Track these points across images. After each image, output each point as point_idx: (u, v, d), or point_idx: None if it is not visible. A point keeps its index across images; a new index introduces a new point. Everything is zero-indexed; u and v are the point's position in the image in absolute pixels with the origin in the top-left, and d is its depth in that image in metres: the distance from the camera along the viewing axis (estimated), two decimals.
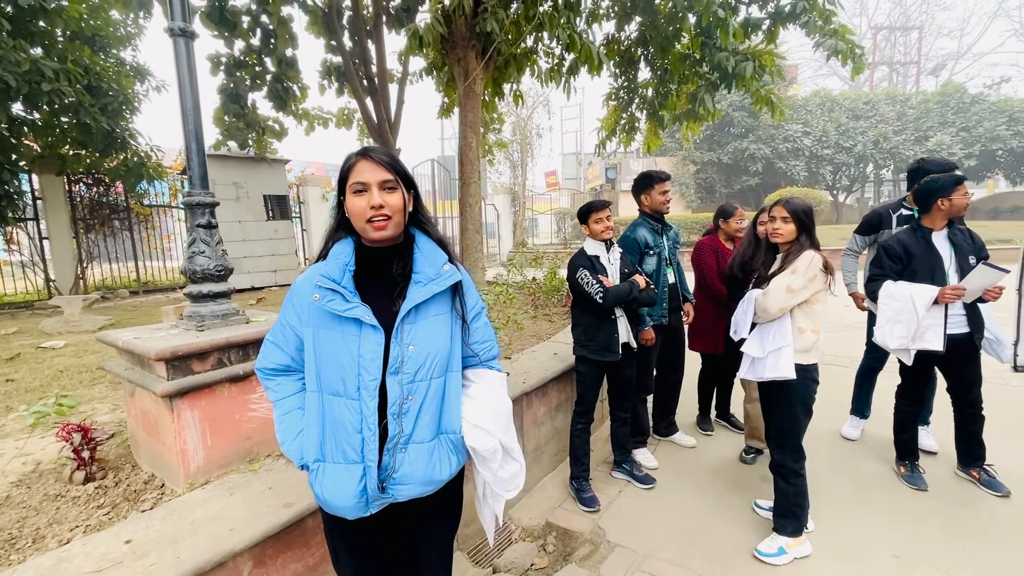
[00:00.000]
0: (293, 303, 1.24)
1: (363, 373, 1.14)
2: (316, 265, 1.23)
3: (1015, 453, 3.13)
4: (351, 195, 1.17)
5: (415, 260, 1.24)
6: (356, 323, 1.15)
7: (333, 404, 1.17)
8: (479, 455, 1.26)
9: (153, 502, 1.83)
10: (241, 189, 8.59)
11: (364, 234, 1.19)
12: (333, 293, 1.15)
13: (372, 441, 1.15)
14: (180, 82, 2.00)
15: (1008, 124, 18.89)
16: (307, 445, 1.21)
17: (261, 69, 7.36)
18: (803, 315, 2.27)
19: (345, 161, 1.21)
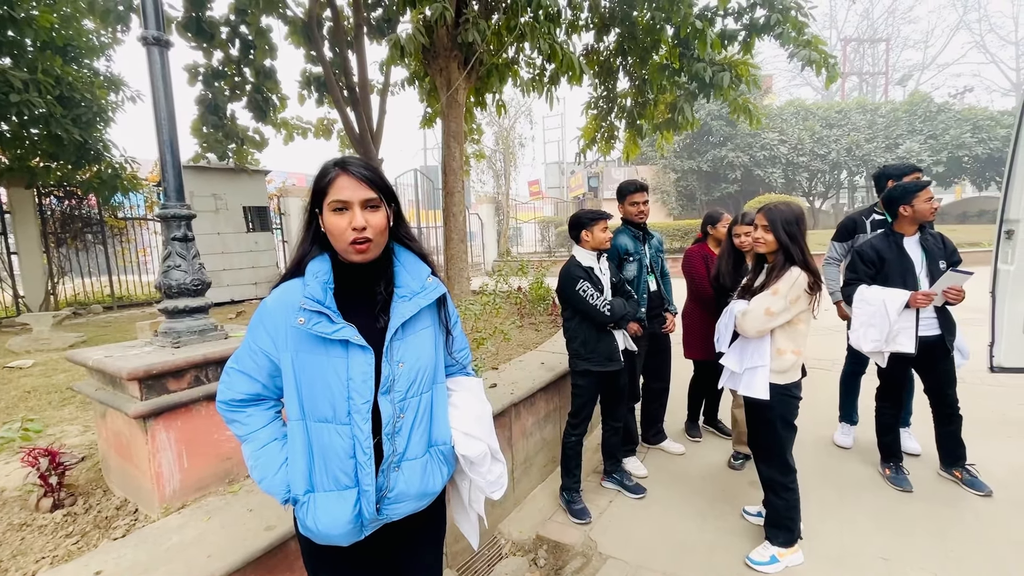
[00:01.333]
0: (265, 326, 1.14)
1: (354, 396, 1.09)
2: (289, 284, 1.14)
3: (994, 451, 3.19)
4: (330, 212, 1.09)
5: (397, 274, 1.19)
6: (342, 345, 1.09)
7: (321, 431, 1.10)
8: (469, 461, 1.24)
9: (126, 529, 1.75)
10: (220, 200, 8.44)
11: (345, 255, 1.12)
12: (318, 315, 1.08)
13: (368, 464, 1.10)
14: (154, 92, 1.94)
15: (973, 132, 19.61)
16: (294, 477, 1.13)
17: (240, 79, 7.28)
18: (784, 336, 2.19)
19: (322, 173, 1.11)
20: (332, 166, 1.11)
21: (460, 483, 1.32)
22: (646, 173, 22.31)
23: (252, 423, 1.18)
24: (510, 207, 19.73)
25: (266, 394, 1.19)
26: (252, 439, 1.18)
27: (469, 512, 1.35)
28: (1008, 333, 3.11)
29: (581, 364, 2.70)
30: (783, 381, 2.20)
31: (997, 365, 3.16)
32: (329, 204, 1.09)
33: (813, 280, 2.12)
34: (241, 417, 1.19)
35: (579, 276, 2.62)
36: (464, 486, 1.32)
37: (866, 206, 3.44)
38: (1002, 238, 3.10)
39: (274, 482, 1.14)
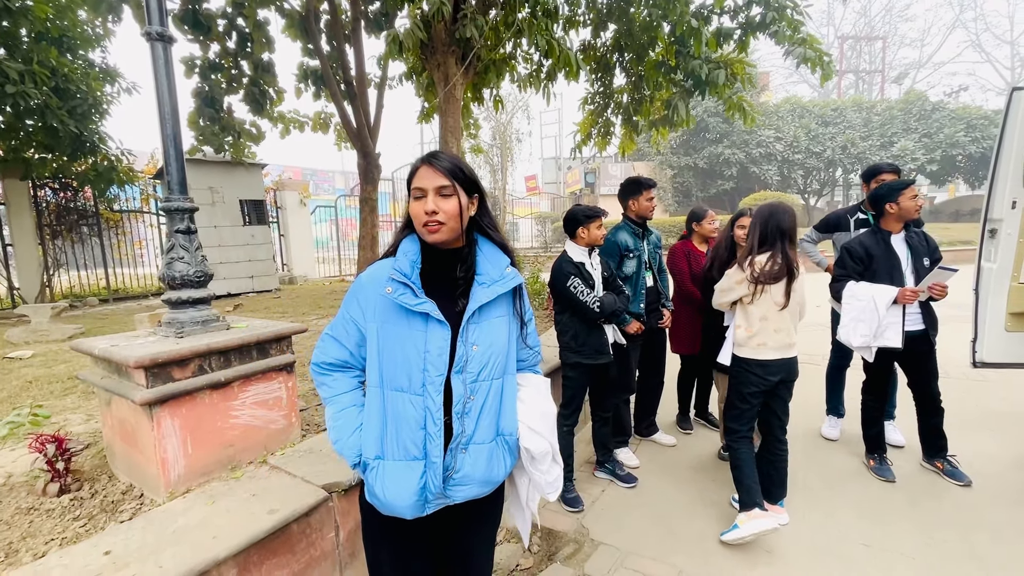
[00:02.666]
0: (358, 297, 1.24)
1: (429, 368, 1.16)
2: (383, 262, 1.25)
3: (974, 443, 3.29)
4: (412, 199, 1.21)
5: (478, 262, 1.26)
6: (423, 318, 1.17)
7: (396, 400, 1.18)
8: (532, 456, 1.29)
9: (132, 512, 1.80)
10: (217, 194, 8.44)
11: (422, 236, 1.22)
12: (404, 287, 1.17)
13: (438, 437, 1.17)
14: (157, 87, 1.98)
15: (966, 131, 19.74)
16: (367, 441, 1.21)
17: (237, 72, 7.27)
18: (740, 313, 2.56)
19: (412, 167, 1.25)
20: (420, 160, 1.24)
21: (519, 479, 1.38)
22: (643, 169, 22.33)
23: (337, 387, 1.27)
24: (507, 202, 19.75)
25: (352, 362, 1.28)
26: (335, 402, 1.27)
27: (525, 510, 1.40)
28: (990, 329, 3.19)
29: (572, 357, 2.76)
30: (740, 354, 2.53)
31: (979, 360, 3.24)
32: (412, 192, 1.21)
33: (759, 272, 2.41)
34: (328, 380, 1.28)
35: (570, 272, 2.67)
36: (523, 483, 1.37)
37: (852, 204, 3.55)
38: (985, 237, 3.17)
39: (348, 444, 1.22)
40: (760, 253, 2.45)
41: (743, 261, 2.49)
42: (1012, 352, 3.15)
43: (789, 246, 2.42)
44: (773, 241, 2.43)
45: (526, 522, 1.41)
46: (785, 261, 2.40)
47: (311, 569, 1.77)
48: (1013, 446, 3.30)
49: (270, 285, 9.20)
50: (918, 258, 2.77)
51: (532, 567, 2.35)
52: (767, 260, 2.41)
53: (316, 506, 1.78)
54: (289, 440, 2.27)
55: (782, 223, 2.42)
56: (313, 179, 27.42)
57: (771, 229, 2.43)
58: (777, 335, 2.45)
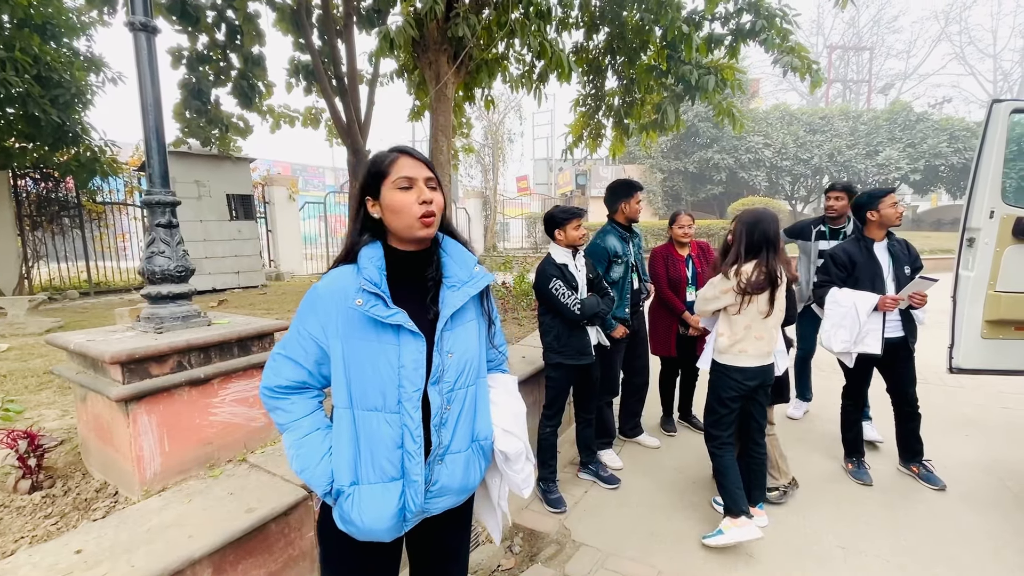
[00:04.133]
0: (316, 311, 1.13)
1: (405, 384, 1.09)
2: (341, 270, 1.15)
3: (948, 448, 3.36)
4: (395, 191, 1.11)
5: (444, 264, 1.20)
6: (395, 331, 1.09)
7: (369, 420, 1.10)
8: (506, 458, 1.26)
9: (105, 511, 1.77)
10: (203, 187, 8.33)
11: (410, 232, 1.13)
12: (375, 298, 1.08)
13: (418, 454, 1.10)
14: (140, 78, 1.95)
15: (949, 142, 20.14)
16: (339, 467, 1.11)
17: (226, 65, 7.18)
18: (722, 320, 2.53)
19: (379, 158, 1.16)
20: (390, 151, 1.16)
21: (490, 479, 1.34)
22: (633, 172, 22.47)
23: (295, 411, 1.16)
24: (498, 202, 19.74)
25: (311, 382, 1.17)
26: (294, 427, 1.15)
27: (496, 509, 1.37)
28: (966, 336, 3.26)
29: (554, 357, 2.77)
30: (721, 360, 2.52)
31: (956, 366, 3.30)
32: (394, 183, 1.12)
33: (746, 283, 2.35)
34: (285, 404, 1.16)
35: (552, 274, 2.67)
36: (495, 483, 1.34)
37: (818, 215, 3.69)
38: (964, 245, 3.24)
39: (316, 473, 1.11)
40: (747, 262, 2.40)
41: (728, 269, 2.43)
42: (987, 359, 3.22)
43: (774, 254, 2.38)
44: (759, 250, 2.39)
45: (497, 521, 1.40)
46: (769, 270, 2.36)
47: (289, 568, 1.76)
48: (985, 451, 3.37)
49: (256, 281, 9.09)
50: (899, 266, 2.83)
51: (514, 567, 2.35)
52: (753, 269, 2.36)
53: (295, 505, 1.76)
54: (269, 438, 2.24)
55: (768, 231, 2.38)
56: (303, 175, 27.14)
57: (757, 237, 2.39)
58: (759, 343, 2.44)
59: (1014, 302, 3.18)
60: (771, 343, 2.47)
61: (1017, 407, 4.11)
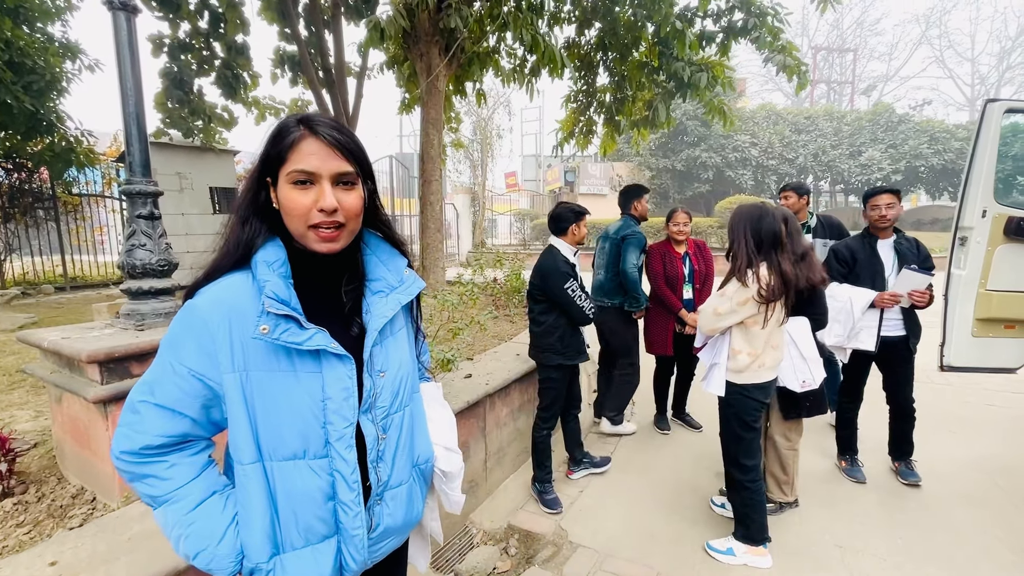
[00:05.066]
0: (198, 338, 0.84)
1: (333, 420, 0.87)
2: (230, 281, 0.87)
3: (937, 445, 3.40)
4: (288, 185, 0.84)
5: (368, 265, 0.99)
6: (313, 356, 0.87)
7: (289, 472, 0.86)
8: (446, 477, 1.10)
9: (83, 518, 1.68)
10: (185, 180, 8.10)
11: (303, 241, 0.87)
12: (286, 320, 0.83)
13: (356, 504, 0.89)
14: (119, 61, 1.84)
15: (929, 143, 20.57)
16: (251, 541, 0.85)
17: (209, 54, 6.97)
18: (739, 336, 2.21)
19: (279, 132, 0.86)
20: (295, 123, 0.85)
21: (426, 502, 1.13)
22: (622, 170, 22.55)
23: (177, 476, 0.86)
24: (486, 198, 19.64)
25: (195, 433, 0.88)
26: (178, 498, 0.85)
27: (427, 531, 1.17)
28: (957, 335, 3.29)
29: (555, 359, 2.72)
30: (739, 380, 2.22)
31: (947, 364, 3.33)
32: (288, 175, 0.84)
33: (767, 288, 2.08)
34: (159, 470, 0.85)
35: (567, 274, 2.64)
36: (430, 503, 1.14)
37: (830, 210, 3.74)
38: (956, 244, 3.26)
39: (219, 553, 0.85)
40: (760, 265, 2.12)
41: (743, 276, 2.13)
42: (977, 357, 3.25)
43: (783, 255, 2.14)
44: (769, 250, 2.13)
45: (427, 544, 1.19)
46: (782, 271, 2.11)
47: None
48: (974, 448, 3.41)
49: None
50: (906, 264, 2.82)
51: (510, 570, 2.30)
52: (769, 273, 2.09)
53: None
54: None
55: (774, 227, 2.14)
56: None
57: (765, 235, 2.13)
58: (775, 352, 2.23)
59: (1004, 301, 3.22)
60: (781, 351, 2.28)
61: (1003, 404, 4.18)
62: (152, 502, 0.87)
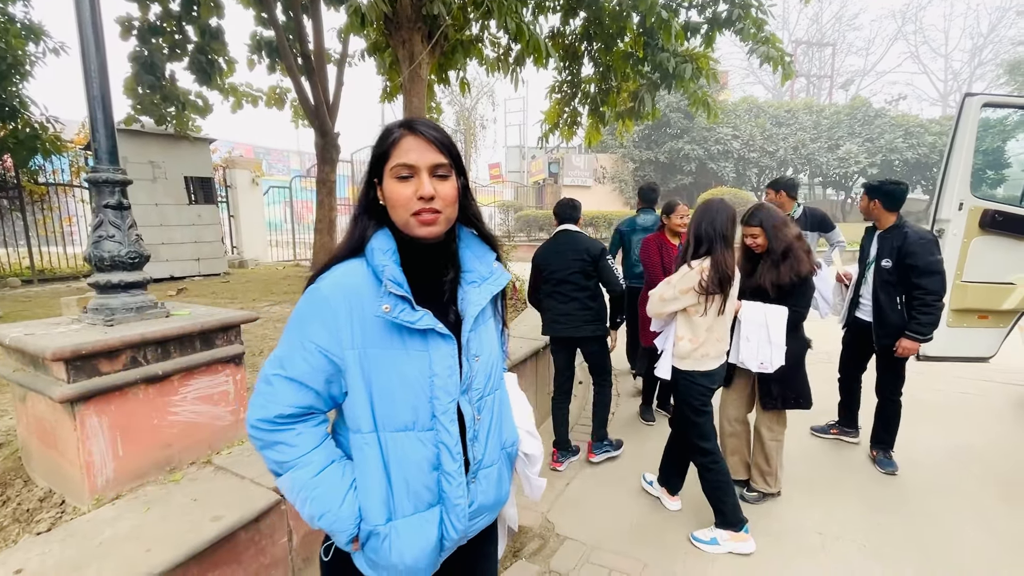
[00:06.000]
0: (322, 317, 0.93)
1: (439, 395, 0.96)
2: (350, 266, 0.97)
3: (913, 433, 3.47)
4: (392, 180, 0.94)
5: (463, 258, 1.06)
6: (422, 335, 0.95)
7: (401, 442, 0.95)
8: (529, 461, 1.18)
9: (51, 523, 1.60)
10: (158, 169, 7.83)
11: (407, 229, 0.96)
12: (402, 301, 0.93)
13: (459, 474, 0.98)
14: (82, 39, 1.74)
15: (904, 137, 21.00)
16: (369, 505, 0.95)
17: (181, 37, 6.73)
18: (682, 324, 2.34)
19: (384, 135, 0.98)
20: (397, 127, 0.97)
21: None
22: (606, 161, 22.58)
23: (302, 444, 0.96)
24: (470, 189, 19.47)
25: (317, 405, 0.97)
26: (304, 464, 0.95)
27: (505, 520, 1.25)
28: None
29: (602, 329, 3.08)
30: (683, 367, 2.34)
31: (923, 354, 3.42)
32: (392, 170, 0.94)
33: (707, 281, 2.19)
34: (288, 437, 0.95)
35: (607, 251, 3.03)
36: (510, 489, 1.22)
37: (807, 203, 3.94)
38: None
39: (341, 515, 0.94)
40: (704, 258, 2.26)
41: (689, 267, 2.28)
42: (954, 347, 3.34)
43: (727, 249, 2.24)
44: (711, 244, 2.24)
45: (505, 533, 1.28)
46: (725, 267, 2.21)
47: None
48: (948, 436, 3.51)
49: (218, 268, 8.67)
50: (881, 256, 2.92)
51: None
52: (711, 267, 2.22)
53: (267, 511, 1.64)
54: (237, 438, 2.09)
55: (716, 223, 2.25)
56: (266, 158, 26.08)
57: (705, 230, 2.26)
58: (719, 344, 2.35)
59: (978, 292, 3.31)
60: (727, 341, 2.40)
61: (974, 392, 4.30)
62: (279, 468, 0.97)
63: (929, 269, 2.72)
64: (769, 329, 2.41)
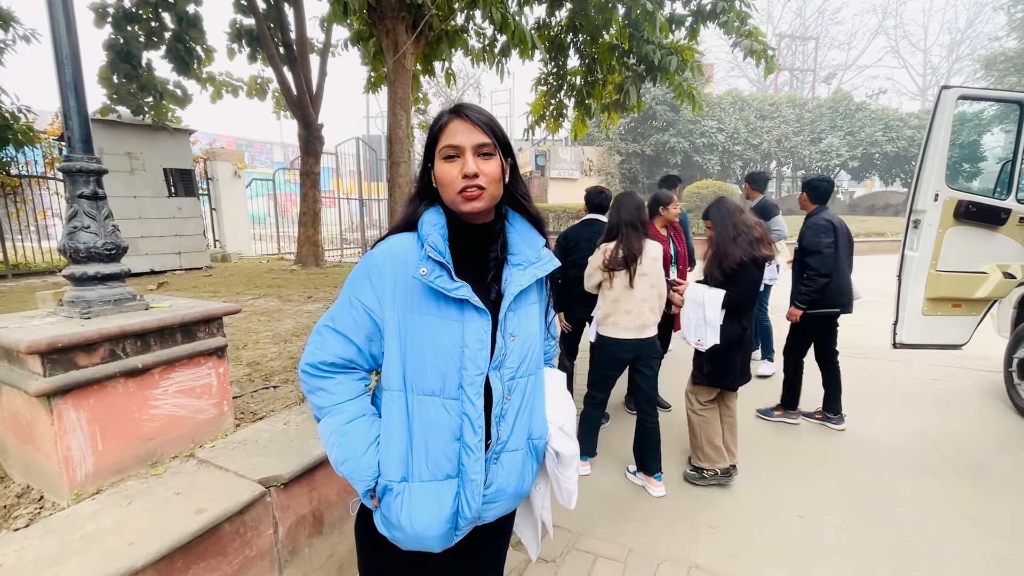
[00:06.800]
0: (370, 278, 1.01)
1: (468, 366, 0.98)
2: (400, 237, 1.04)
3: (888, 418, 3.58)
4: (441, 161, 1.00)
5: (510, 240, 1.08)
6: (458, 306, 0.98)
7: (426, 406, 0.99)
8: (561, 460, 1.14)
9: (29, 518, 1.58)
10: (136, 160, 7.64)
11: (454, 206, 1.01)
12: (440, 267, 0.97)
13: (478, 448, 0.99)
14: (53, 24, 1.68)
15: (884, 131, 21.36)
16: (388, 460, 0.99)
17: (158, 25, 6.56)
18: (600, 295, 2.76)
19: (435, 120, 1.03)
20: (446, 112, 1.02)
21: (537, 484, 1.20)
22: (592, 154, 22.58)
23: (340, 393, 1.04)
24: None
25: (359, 361, 1.04)
26: (337, 411, 1.03)
27: (537, 520, 1.23)
28: (909, 313, 3.46)
29: None
30: (599, 331, 2.78)
31: (899, 342, 3.51)
32: (440, 151, 1.00)
33: (609, 259, 2.62)
34: (329, 384, 1.03)
35: None
36: (539, 489, 1.20)
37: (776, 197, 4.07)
38: (910, 227, 3.40)
39: (360, 465, 1.00)
40: (609, 240, 2.68)
41: (599, 246, 2.71)
42: (928, 334, 3.43)
43: (632, 233, 2.61)
44: (617, 229, 2.65)
45: (537, 534, 1.26)
46: (628, 248, 2.59)
47: (245, 570, 1.63)
48: (921, 420, 3.61)
49: (200, 262, 8.52)
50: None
51: None
52: (614, 247, 2.62)
53: (251, 503, 1.63)
54: (220, 431, 2.07)
55: (620, 211, 2.67)
56: (248, 150, 25.58)
57: (613, 218, 2.68)
58: (628, 316, 2.65)
59: (952, 280, 3.39)
60: (642, 317, 2.67)
61: (947, 378, 4.43)
62: (319, 412, 1.05)
63: (811, 249, 3.16)
64: (705, 309, 2.64)
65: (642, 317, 2.66)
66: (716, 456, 2.75)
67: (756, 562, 2.20)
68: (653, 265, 2.65)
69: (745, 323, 2.70)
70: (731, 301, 2.61)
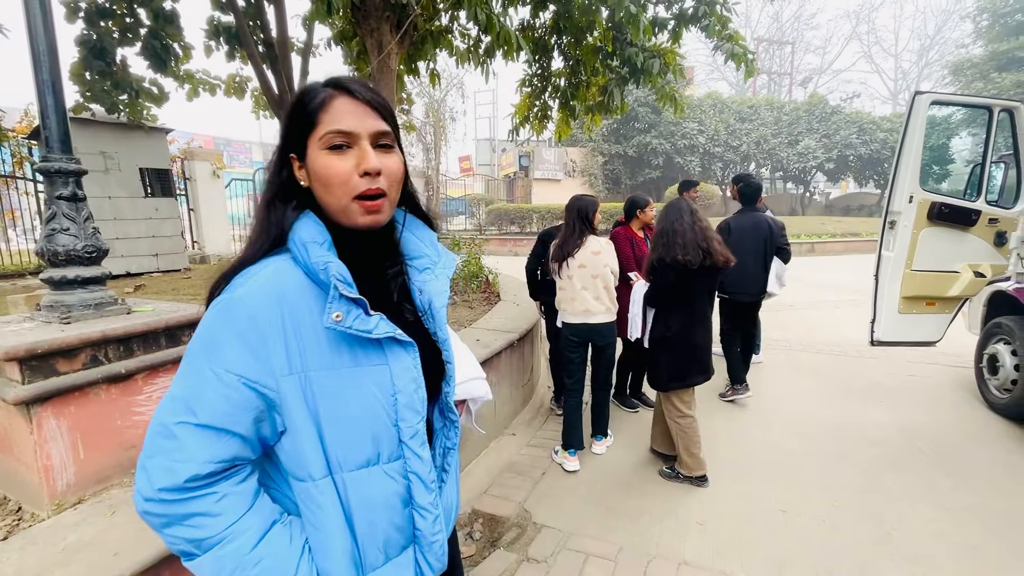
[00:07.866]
0: (245, 339, 0.70)
1: (406, 415, 0.78)
2: (277, 265, 0.75)
3: (868, 413, 3.67)
4: (322, 152, 0.74)
5: (407, 243, 0.89)
6: (376, 347, 0.77)
7: (362, 482, 0.77)
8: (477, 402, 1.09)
9: (7, 530, 1.53)
10: (111, 160, 7.45)
11: (345, 216, 0.76)
12: (356, 306, 0.73)
13: (435, 506, 0.83)
14: (30, 20, 1.64)
15: (858, 134, 21.94)
16: (332, 567, 0.75)
17: (133, 21, 6.39)
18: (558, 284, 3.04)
19: (304, 95, 0.76)
20: (322, 86, 0.76)
21: None
22: (575, 155, 22.72)
23: (230, 510, 0.70)
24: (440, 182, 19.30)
25: (244, 455, 0.73)
26: (235, 535, 0.70)
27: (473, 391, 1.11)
28: (886, 312, 3.56)
29: None
30: (560, 316, 3.06)
31: (877, 340, 3.61)
32: (322, 139, 0.73)
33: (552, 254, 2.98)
34: (207, 505, 0.69)
35: None
36: None
37: None
38: (886, 228, 3.51)
39: None
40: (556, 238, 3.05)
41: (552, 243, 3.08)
42: (904, 332, 3.53)
43: (568, 231, 2.93)
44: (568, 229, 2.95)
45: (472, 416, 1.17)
46: (562, 244, 2.94)
47: None
48: (898, 415, 3.71)
49: (178, 264, 8.33)
50: None
51: (475, 554, 2.30)
52: (557, 244, 3.00)
53: None
54: None
55: (567, 212, 2.99)
56: (227, 149, 25.10)
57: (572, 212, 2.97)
58: (573, 303, 2.94)
59: (926, 279, 3.50)
60: (585, 303, 2.91)
61: (922, 374, 4.56)
62: (196, 549, 0.69)
63: None
64: (634, 303, 2.97)
65: (585, 304, 2.91)
66: (693, 464, 2.79)
67: (743, 556, 2.24)
68: (593, 259, 2.87)
69: (672, 324, 2.76)
70: (648, 295, 2.87)
